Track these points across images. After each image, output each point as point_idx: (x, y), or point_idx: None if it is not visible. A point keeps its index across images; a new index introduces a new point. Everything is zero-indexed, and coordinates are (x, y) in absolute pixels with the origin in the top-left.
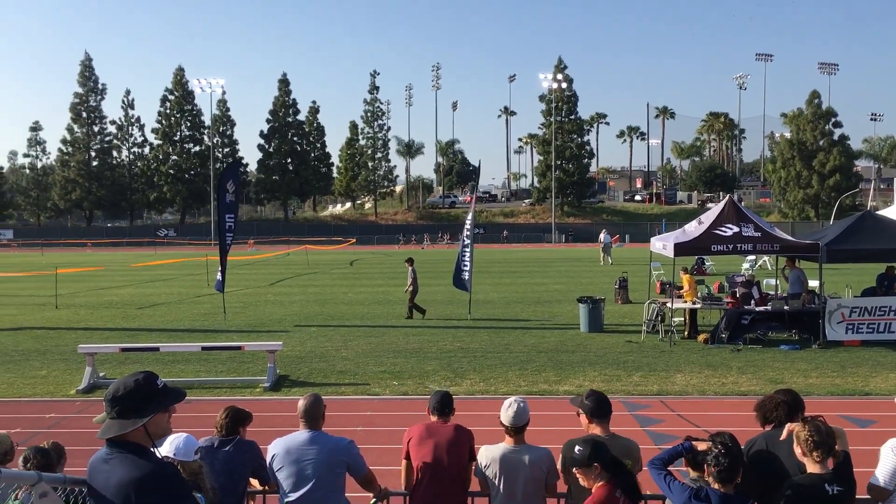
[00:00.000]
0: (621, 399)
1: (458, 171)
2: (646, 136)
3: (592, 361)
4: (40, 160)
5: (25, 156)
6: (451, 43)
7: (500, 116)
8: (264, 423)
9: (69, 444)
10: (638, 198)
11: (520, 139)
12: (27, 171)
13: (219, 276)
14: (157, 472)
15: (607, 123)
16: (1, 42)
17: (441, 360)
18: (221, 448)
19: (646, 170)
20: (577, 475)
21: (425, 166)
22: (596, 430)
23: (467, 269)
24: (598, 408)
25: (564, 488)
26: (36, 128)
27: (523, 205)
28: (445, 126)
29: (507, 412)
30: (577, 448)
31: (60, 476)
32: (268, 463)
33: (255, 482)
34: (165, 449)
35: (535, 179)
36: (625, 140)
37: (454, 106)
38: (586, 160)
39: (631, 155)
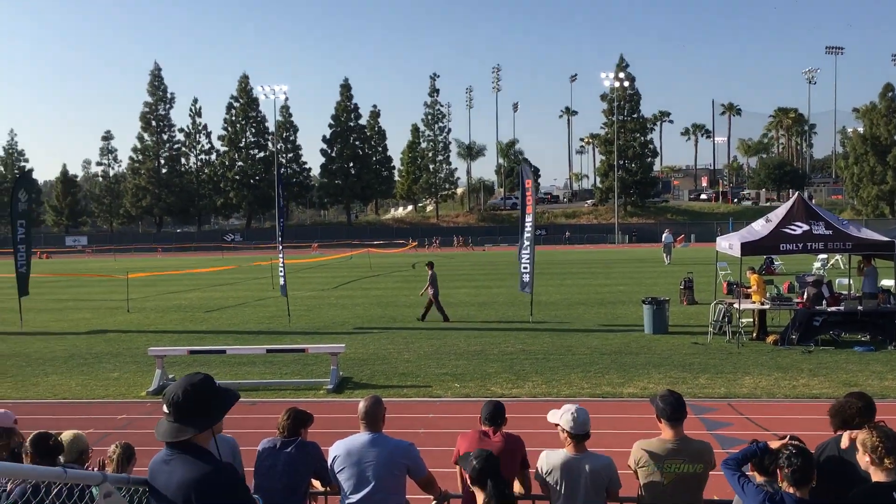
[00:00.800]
0: (687, 402)
1: (519, 172)
2: (711, 134)
3: (657, 363)
4: (112, 168)
5: (98, 164)
6: (511, 44)
7: (561, 116)
8: (327, 424)
9: (140, 445)
10: (703, 196)
11: (581, 139)
12: (100, 178)
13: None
14: (218, 474)
15: (671, 121)
16: (74, 54)
17: (503, 363)
18: (283, 449)
19: (711, 168)
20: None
21: (486, 168)
22: (668, 432)
23: (527, 271)
24: (672, 410)
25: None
26: (108, 137)
27: (585, 205)
28: (506, 127)
29: (572, 419)
30: (472, 460)
31: (124, 476)
32: (329, 464)
33: (316, 483)
34: None
35: (598, 179)
36: (689, 138)
37: (515, 107)
38: (650, 159)
39: (696, 153)
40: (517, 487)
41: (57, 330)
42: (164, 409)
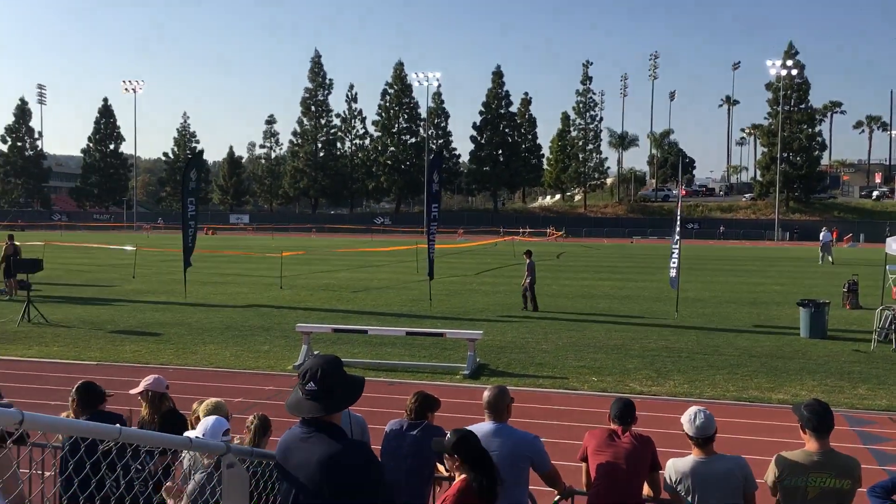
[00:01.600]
0: (843, 413)
1: (673, 163)
2: (888, 127)
3: (812, 370)
4: (274, 151)
5: (261, 146)
6: (669, 31)
7: (721, 106)
8: (459, 409)
9: (283, 417)
10: (876, 194)
11: (742, 130)
12: (262, 160)
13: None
14: (359, 453)
15: (843, 112)
16: (241, 40)
17: (644, 359)
18: (409, 431)
19: (887, 163)
20: (446, 461)
21: (638, 159)
22: (812, 444)
23: (675, 265)
24: (819, 420)
25: (772, 500)
26: (271, 121)
27: (743, 199)
28: (661, 117)
29: (691, 423)
30: (447, 435)
31: (247, 448)
32: None
33: (441, 468)
34: (199, 430)
35: (758, 172)
36: (863, 131)
37: (671, 96)
38: (817, 152)
39: (870, 147)
40: (645, 490)
41: (216, 302)
42: (305, 385)
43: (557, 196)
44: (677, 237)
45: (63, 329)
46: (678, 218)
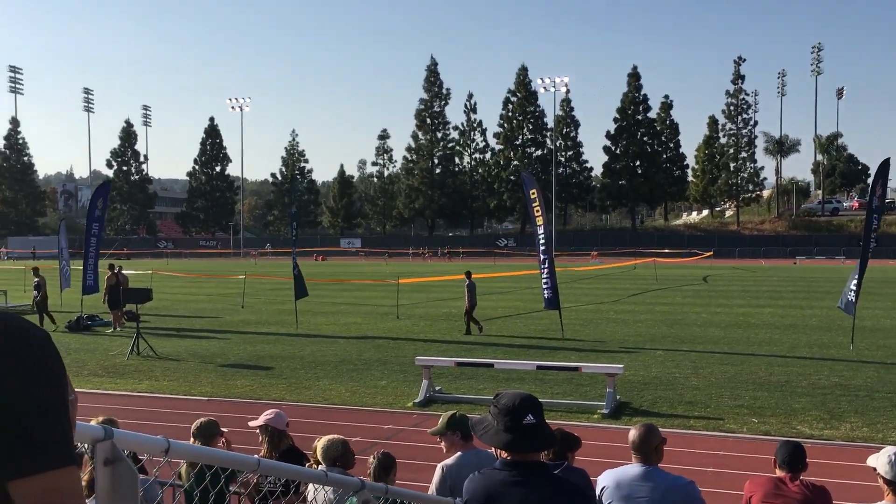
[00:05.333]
0: None
1: (843, 171)
2: None
3: None
4: (387, 168)
5: (373, 164)
6: (835, 18)
7: None
8: (599, 452)
9: (403, 457)
10: None
11: None
12: (374, 179)
13: (546, 294)
14: (580, 494)
15: None
16: (351, 51)
17: (813, 398)
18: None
19: None
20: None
21: (800, 167)
22: None
23: (854, 289)
24: None
25: None
26: (384, 136)
27: None
28: (827, 118)
29: (885, 464)
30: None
31: (382, 486)
32: (597, 495)
33: None
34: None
35: None
36: None
37: (839, 93)
38: None
39: None
40: None
41: (329, 333)
42: (521, 419)
43: (705, 212)
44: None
45: (172, 362)
46: (870, 231)
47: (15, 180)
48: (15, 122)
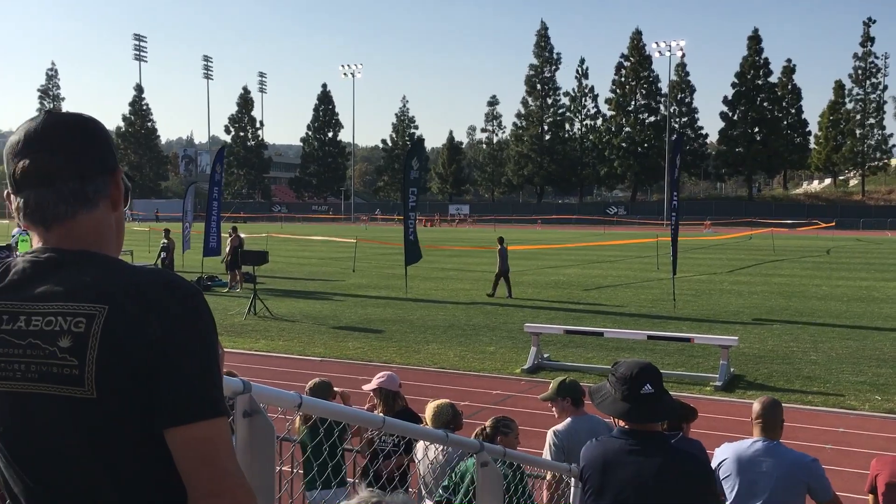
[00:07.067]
0: None
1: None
2: None
3: None
4: (496, 135)
5: (483, 130)
6: None
7: None
8: (711, 425)
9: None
10: None
11: None
12: (484, 146)
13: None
14: (699, 463)
15: None
16: (461, 16)
17: None
18: None
19: None
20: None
21: None
22: None
23: None
24: None
25: None
26: (493, 102)
27: None
28: None
29: None
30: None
31: (500, 448)
32: (714, 467)
33: None
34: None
35: None
36: None
37: None
38: None
39: None
40: None
41: (438, 298)
42: (639, 388)
43: (827, 180)
44: None
45: (287, 323)
46: None
47: (140, 145)
48: (139, 88)
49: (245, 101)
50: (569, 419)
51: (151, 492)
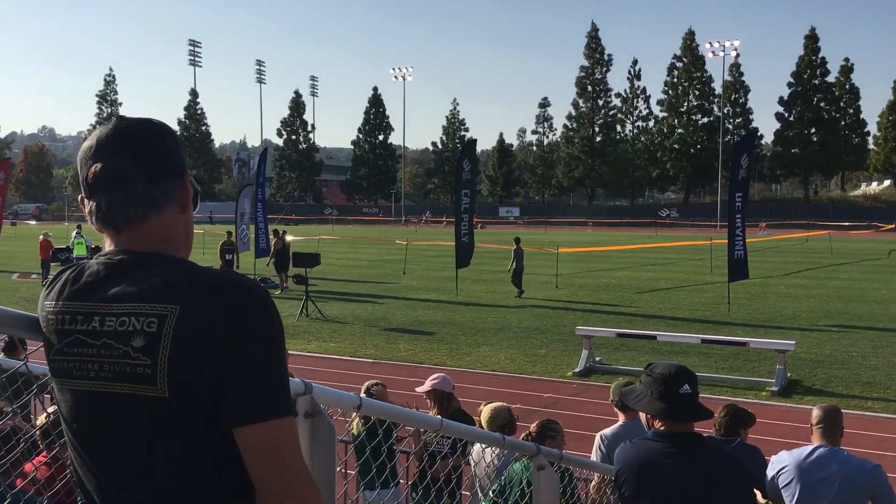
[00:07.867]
0: None
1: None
2: None
3: None
4: (547, 137)
5: (533, 132)
6: None
7: None
8: (768, 430)
9: (563, 427)
10: None
11: None
12: (534, 148)
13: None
14: (738, 466)
15: None
16: (512, 17)
17: None
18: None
19: None
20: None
21: None
22: None
23: None
24: None
25: None
26: (544, 104)
27: None
28: None
29: None
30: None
31: (557, 452)
32: (771, 475)
33: (756, 493)
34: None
35: None
36: None
37: None
38: None
39: None
40: None
41: (488, 301)
42: (678, 388)
43: (887, 182)
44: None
45: (339, 325)
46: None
47: (194, 149)
48: (194, 93)
49: (297, 105)
50: (619, 423)
51: (220, 490)
